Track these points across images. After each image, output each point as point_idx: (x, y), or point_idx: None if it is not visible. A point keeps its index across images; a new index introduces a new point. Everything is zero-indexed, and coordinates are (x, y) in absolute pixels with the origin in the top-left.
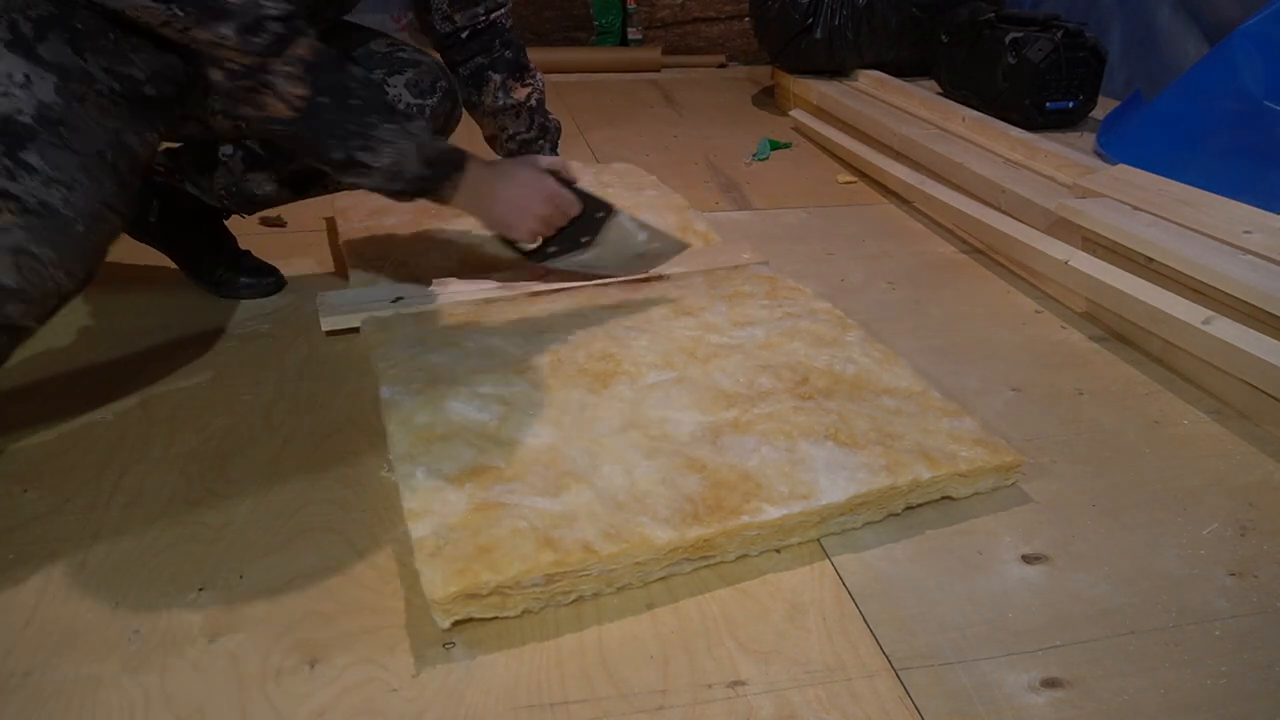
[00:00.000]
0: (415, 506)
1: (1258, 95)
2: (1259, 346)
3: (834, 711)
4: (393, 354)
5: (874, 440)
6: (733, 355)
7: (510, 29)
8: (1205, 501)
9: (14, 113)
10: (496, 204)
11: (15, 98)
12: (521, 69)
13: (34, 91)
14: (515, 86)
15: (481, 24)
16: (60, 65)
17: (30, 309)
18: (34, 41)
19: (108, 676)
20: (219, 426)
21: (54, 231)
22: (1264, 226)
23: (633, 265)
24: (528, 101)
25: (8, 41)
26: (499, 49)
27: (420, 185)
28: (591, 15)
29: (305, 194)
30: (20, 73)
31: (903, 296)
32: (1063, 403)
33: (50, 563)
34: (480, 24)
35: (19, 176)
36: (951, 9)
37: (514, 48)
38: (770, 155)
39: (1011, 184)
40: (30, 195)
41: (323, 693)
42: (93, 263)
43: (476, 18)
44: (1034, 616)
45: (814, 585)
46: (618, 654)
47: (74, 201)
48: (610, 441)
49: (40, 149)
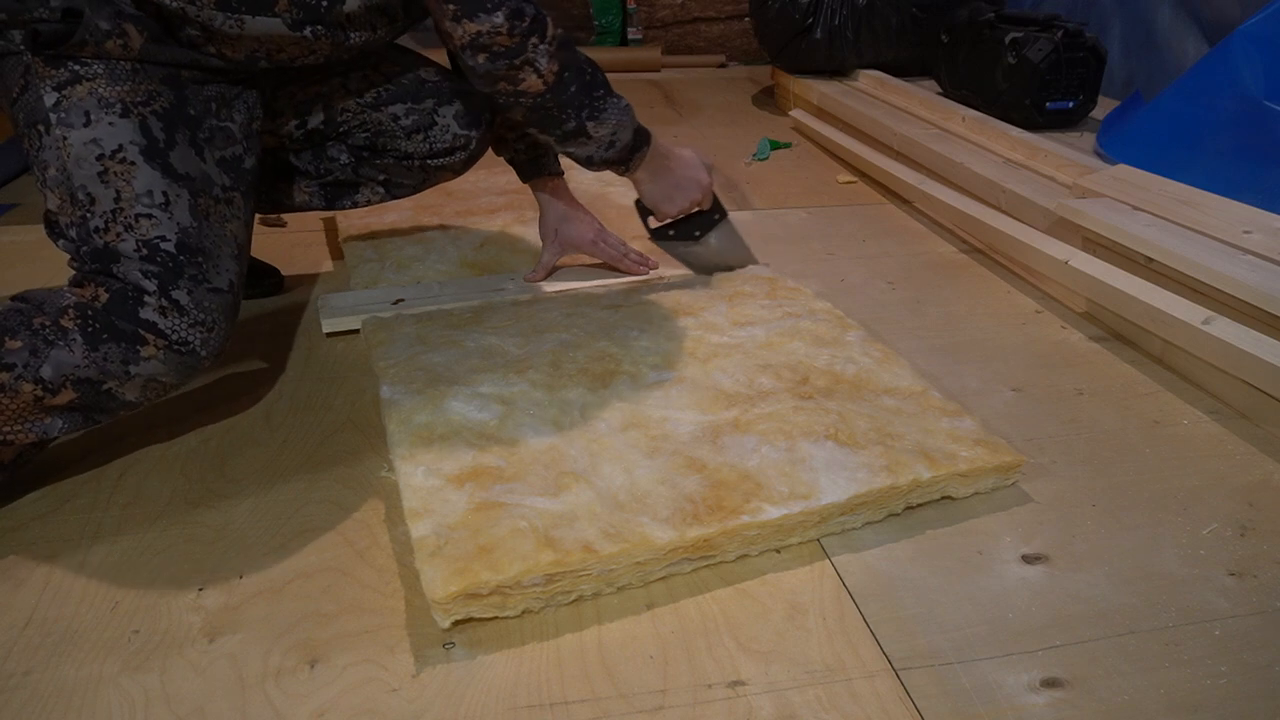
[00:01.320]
0: (415, 506)
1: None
2: (1259, 346)
3: (834, 711)
4: (393, 354)
5: (874, 440)
6: (733, 355)
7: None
8: (1205, 501)
9: (158, 239)
10: (664, 180)
11: (158, 220)
12: None
13: (173, 213)
14: None
15: None
16: (189, 177)
17: (135, 411)
18: (166, 149)
19: (108, 676)
20: (219, 426)
21: (186, 366)
22: (1264, 226)
23: (714, 267)
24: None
25: (143, 149)
26: None
27: (624, 154)
28: (591, 15)
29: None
30: (160, 190)
31: (903, 296)
32: (1063, 403)
33: (50, 563)
34: None
35: (169, 314)
36: (951, 9)
37: None
38: (770, 155)
39: (1011, 184)
40: (175, 334)
41: (323, 693)
42: None
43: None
44: (1034, 616)
45: (814, 585)
46: (618, 654)
47: (210, 341)
48: (610, 441)
49: (188, 288)
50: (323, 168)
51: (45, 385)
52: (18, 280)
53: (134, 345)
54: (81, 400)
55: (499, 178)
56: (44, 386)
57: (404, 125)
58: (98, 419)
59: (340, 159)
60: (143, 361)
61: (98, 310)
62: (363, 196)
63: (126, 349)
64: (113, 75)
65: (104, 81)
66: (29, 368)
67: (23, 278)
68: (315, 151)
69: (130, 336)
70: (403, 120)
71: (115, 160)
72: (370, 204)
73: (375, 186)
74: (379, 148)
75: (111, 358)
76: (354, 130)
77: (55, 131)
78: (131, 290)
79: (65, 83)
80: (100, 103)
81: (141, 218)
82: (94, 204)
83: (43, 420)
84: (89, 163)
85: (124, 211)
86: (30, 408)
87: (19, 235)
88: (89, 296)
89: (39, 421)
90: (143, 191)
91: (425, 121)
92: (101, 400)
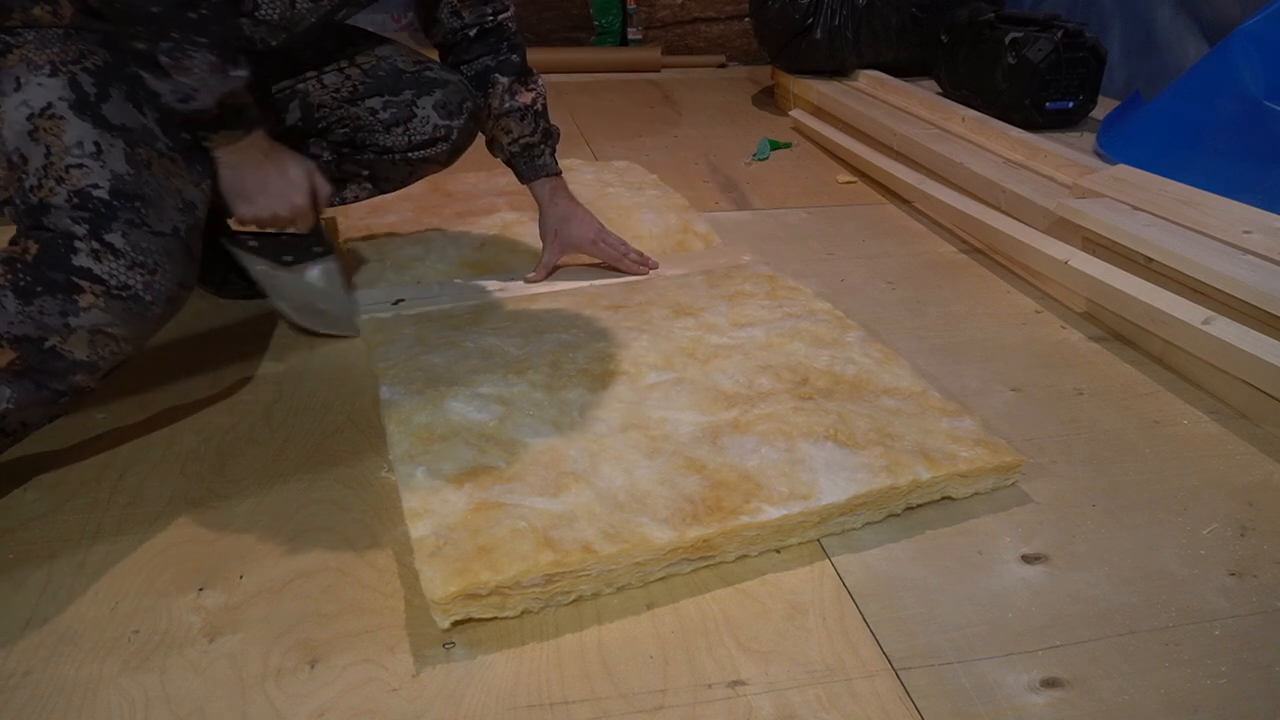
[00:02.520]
0: (415, 506)
1: (1258, 95)
2: (1259, 346)
3: (834, 711)
4: (393, 354)
5: (874, 440)
6: (733, 355)
7: (516, 32)
8: (1205, 501)
9: (90, 186)
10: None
11: (89, 169)
12: (526, 73)
13: (106, 162)
14: (520, 90)
15: (489, 24)
16: (125, 128)
17: (94, 375)
18: (98, 101)
19: (108, 676)
20: (219, 426)
21: (131, 313)
22: (1264, 226)
23: (305, 315)
24: (533, 105)
25: (72, 103)
26: (506, 52)
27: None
28: (591, 15)
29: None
30: (90, 140)
31: (903, 296)
32: (1063, 403)
33: (50, 563)
34: (488, 24)
35: (104, 258)
36: (951, 9)
37: (519, 51)
38: (770, 155)
39: (1011, 184)
40: (114, 278)
41: (323, 693)
42: (157, 331)
43: (484, 17)
44: (1034, 616)
45: (814, 585)
46: (617, 654)
47: (154, 285)
48: (610, 441)
49: (123, 230)
50: None
51: None
52: None
53: (70, 295)
54: (24, 362)
55: (499, 178)
56: None
57: (382, 119)
58: (53, 386)
59: (323, 156)
60: (82, 312)
61: (27, 263)
62: (350, 193)
63: (64, 300)
64: (42, 41)
65: (33, 47)
66: None
67: None
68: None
69: (64, 286)
70: (381, 114)
71: (44, 117)
72: (359, 199)
73: (362, 182)
74: (358, 143)
75: (48, 310)
76: (333, 126)
77: None
78: (61, 239)
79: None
80: (29, 66)
81: (72, 168)
82: (26, 164)
83: None
84: (20, 124)
85: (54, 165)
86: None
87: None
88: (19, 252)
89: None
90: (73, 143)
91: (404, 114)
92: (46, 360)
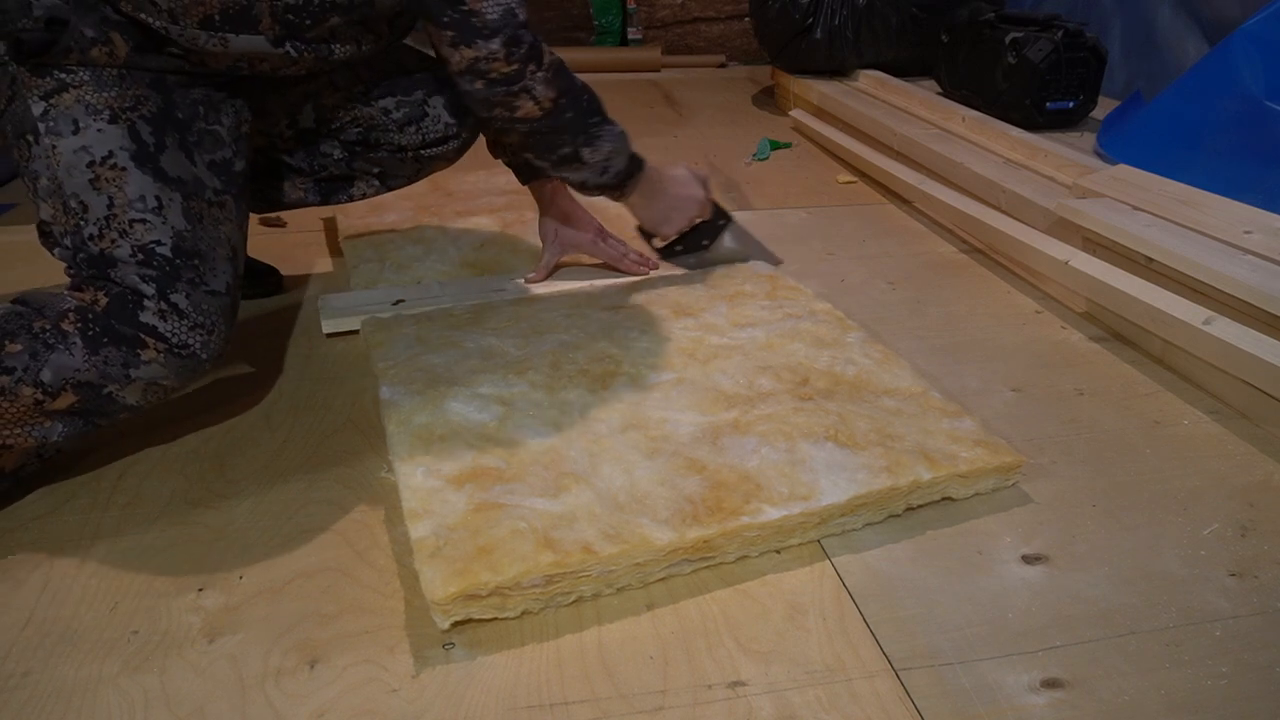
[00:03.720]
0: (415, 507)
1: (1258, 95)
2: (1259, 346)
3: (834, 712)
4: (393, 354)
5: (874, 441)
6: (733, 356)
7: None
8: (1205, 502)
9: (153, 243)
10: (659, 203)
11: (151, 225)
12: None
13: (167, 217)
14: None
15: None
16: (181, 181)
17: (136, 415)
18: (156, 153)
19: (107, 677)
20: (219, 426)
21: (186, 369)
22: (1264, 226)
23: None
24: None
25: (133, 154)
26: None
27: (618, 180)
28: (591, 15)
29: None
30: (152, 195)
31: (903, 296)
32: (1063, 403)
33: (50, 563)
34: None
35: (169, 318)
36: (951, 9)
37: None
38: (770, 155)
39: (1011, 184)
40: (175, 336)
41: (323, 693)
42: None
43: None
44: (1034, 617)
45: (814, 586)
46: (618, 654)
47: (210, 345)
48: (610, 442)
49: (186, 291)
50: (316, 164)
51: (45, 389)
52: (17, 281)
53: (134, 349)
54: (81, 404)
55: (499, 178)
56: (44, 390)
57: (395, 118)
58: (98, 423)
59: (334, 155)
60: (143, 365)
61: (98, 314)
62: (358, 190)
63: (127, 352)
64: (99, 82)
65: (91, 89)
66: (29, 371)
67: (23, 278)
68: (308, 149)
69: (130, 340)
70: (394, 114)
71: (106, 167)
72: (366, 196)
73: (370, 179)
74: (372, 142)
75: (112, 361)
76: (346, 126)
77: (44, 141)
78: (130, 294)
79: (52, 91)
80: (88, 109)
81: (136, 223)
82: (87, 211)
83: (42, 424)
84: (80, 170)
85: (118, 218)
86: (30, 411)
87: (19, 235)
88: (89, 300)
89: (39, 425)
90: (135, 197)
91: (417, 113)
92: (102, 404)
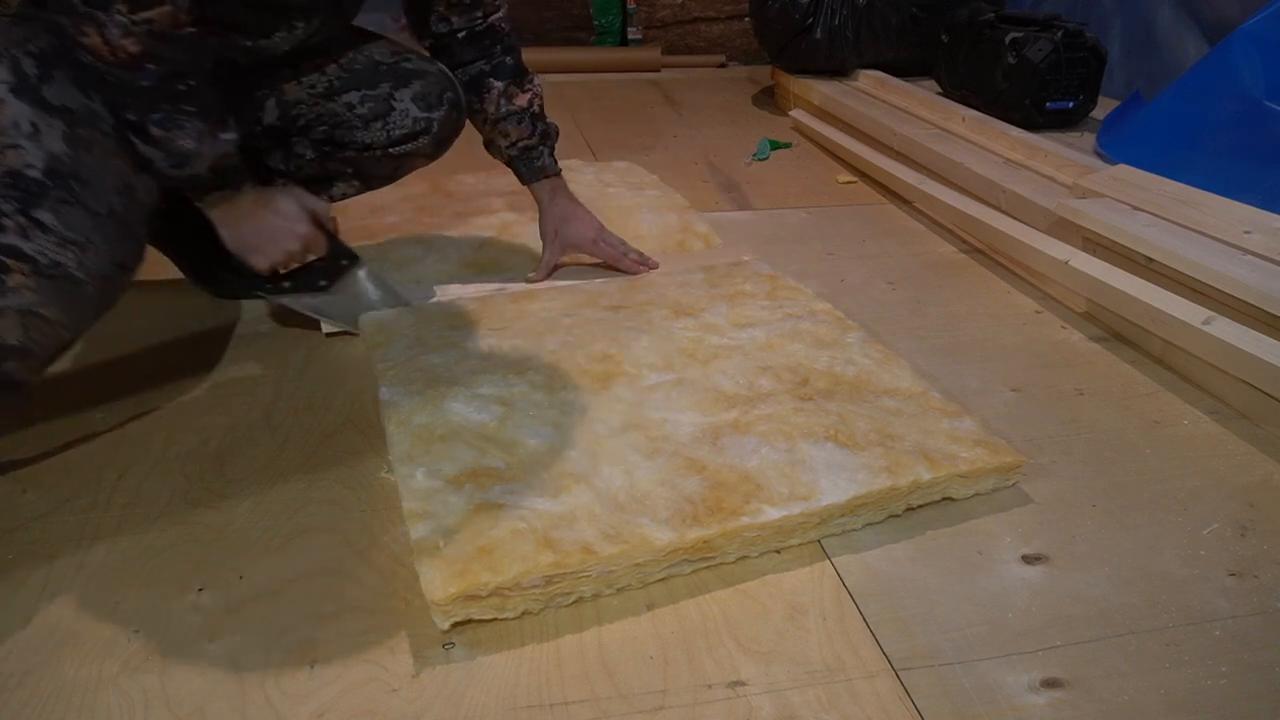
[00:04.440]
0: (415, 507)
1: (1258, 95)
2: (1259, 346)
3: (834, 712)
4: (392, 354)
5: (874, 441)
6: (733, 356)
7: (509, 33)
8: (1205, 502)
9: (23, 167)
10: (245, 224)
11: (23, 150)
12: (521, 74)
13: (42, 142)
14: (516, 93)
15: (479, 27)
16: (66, 109)
17: (29, 364)
18: (39, 83)
19: (107, 677)
20: (219, 426)
21: (65, 294)
22: (1264, 226)
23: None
24: (530, 107)
25: (12, 86)
26: (499, 55)
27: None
28: (591, 15)
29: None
30: (27, 121)
31: (903, 296)
32: (1063, 403)
33: (50, 563)
34: (478, 27)
35: (32, 235)
36: (951, 9)
37: (514, 53)
38: (770, 155)
39: (1011, 184)
40: (43, 256)
41: (323, 693)
42: (98, 316)
43: (474, 20)
44: (1034, 617)
45: (814, 586)
46: (618, 655)
47: (87, 263)
48: (610, 442)
49: (53, 207)
50: (293, 165)
51: None
52: None
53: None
54: None
55: (499, 178)
56: None
57: (360, 114)
58: None
59: (306, 155)
60: (10, 292)
61: None
62: (338, 190)
63: None
64: None
65: None
66: None
67: None
68: (285, 150)
69: None
70: (358, 109)
71: None
72: (347, 197)
73: (349, 179)
74: (338, 140)
75: None
76: (311, 124)
77: None
78: None
79: None
80: None
81: (7, 149)
82: None
83: None
84: None
85: None
86: None
87: None
88: None
89: None
90: (9, 125)
91: (382, 108)
92: None
